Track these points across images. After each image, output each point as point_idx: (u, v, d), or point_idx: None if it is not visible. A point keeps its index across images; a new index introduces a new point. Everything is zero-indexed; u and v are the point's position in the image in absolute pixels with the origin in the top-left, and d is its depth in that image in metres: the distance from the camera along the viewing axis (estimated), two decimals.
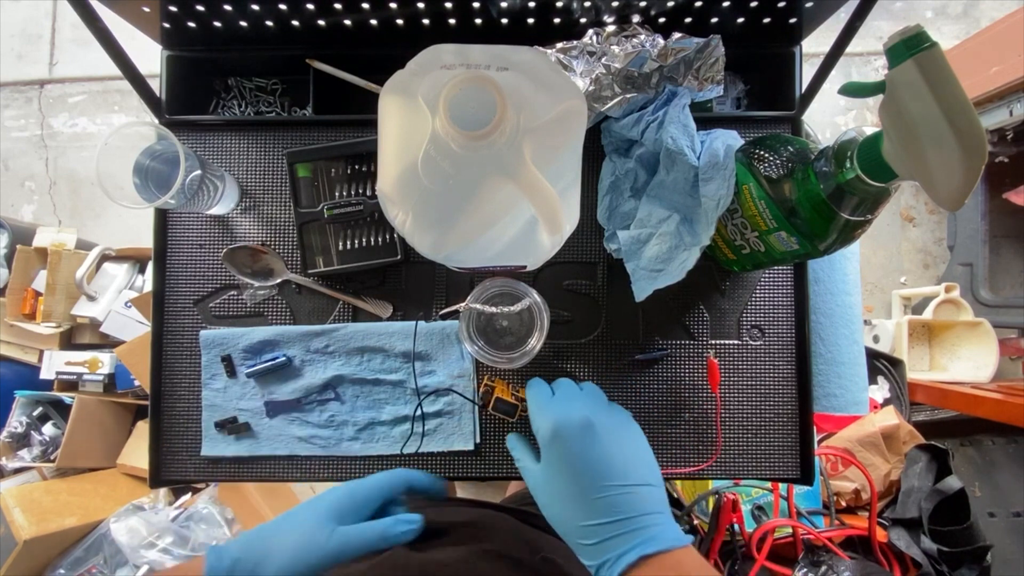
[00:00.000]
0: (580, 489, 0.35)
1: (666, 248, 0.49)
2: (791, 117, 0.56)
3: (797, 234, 0.42)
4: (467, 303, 0.47)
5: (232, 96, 0.63)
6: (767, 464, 0.56)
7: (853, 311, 0.58)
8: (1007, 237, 1.50)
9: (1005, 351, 1.37)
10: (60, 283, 1.33)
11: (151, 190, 0.48)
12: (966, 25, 1.63)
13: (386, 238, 0.55)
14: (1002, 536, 1.14)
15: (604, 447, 0.36)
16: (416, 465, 0.56)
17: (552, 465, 0.37)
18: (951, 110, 0.30)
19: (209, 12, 0.51)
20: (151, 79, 0.53)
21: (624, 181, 0.54)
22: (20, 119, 1.76)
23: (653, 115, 0.50)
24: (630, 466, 0.36)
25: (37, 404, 1.40)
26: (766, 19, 0.52)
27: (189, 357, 0.56)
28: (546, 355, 0.56)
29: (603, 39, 0.51)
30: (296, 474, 0.56)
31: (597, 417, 0.38)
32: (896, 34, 0.31)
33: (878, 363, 1.30)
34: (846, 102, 1.62)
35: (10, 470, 1.36)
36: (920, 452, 1.12)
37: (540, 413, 0.40)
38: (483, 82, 0.32)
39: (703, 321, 0.57)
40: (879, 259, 1.60)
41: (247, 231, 0.57)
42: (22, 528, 1.18)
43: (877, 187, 0.36)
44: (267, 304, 0.56)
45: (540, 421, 0.39)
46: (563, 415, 0.38)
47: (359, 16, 0.52)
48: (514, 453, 0.43)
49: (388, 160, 0.38)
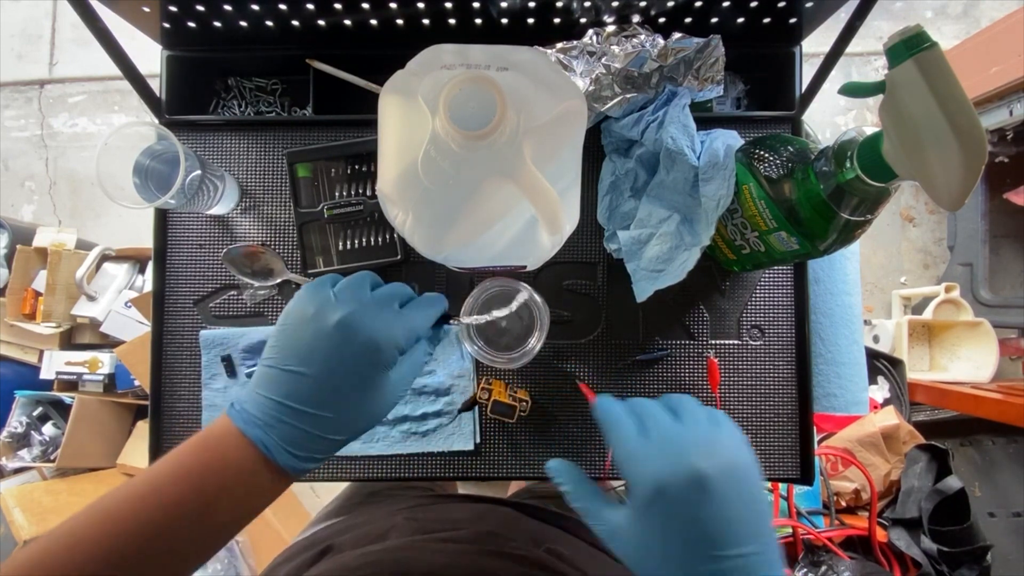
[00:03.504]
0: (686, 556, 0.30)
1: (666, 248, 0.49)
2: (791, 117, 0.56)
3: (797, 234, 0.42)
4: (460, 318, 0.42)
5: (232, 96, 0.63)
6: (767, 464, 0.56)
7: (853, 311, 0.58)
8: (1007, 237, 1.50)
9: (1005, 351, 1.37)
10: (60, 283, 1.33)
11: (151, 190, 0.48)
12: (966, 25, 1.63)
13: (386, 238, 0.55)
14: (1002, 536, 1.14)
15: (718, 509, 0.30)
16: (416, 465, 0.56)
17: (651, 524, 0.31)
18: (951, 110, 0.30)
19: (209, 12, 0.51)
20: (151, 79, 0.53)
21: (624, 181, 0.54)
22: (20, 119, 1.76)
23: (653, 115, 0.50)
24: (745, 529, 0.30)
25: (37, 404, 1.40)
26: (766, 19, 0.52)
27: (189, 357, 0.56)
28: (546, 355, 0.56)
29: (603, 39, 0.51)
30: None
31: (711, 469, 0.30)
32: (896, 34, 0.31)
33: (878, 363, 1.30)
34: (846, 102, 1.62)
35: (10, 470, 1.36)
36: (920, 452, 1.12)
37: (633, 462, 0.32)
38: (483, 82, 0.32)
39: (703, 321, 0.57)
40: (879, 259, 1.60)
41: (247, 231, 0.57)
42: (22, 528, 1.18)
43: (877, 187, 0.36)
44: (267, 304, 0.56)
45: (634, 471, 0.31)
46: (668, 470, 0.30)
47: (359, 16, 0.52)
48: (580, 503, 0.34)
49: (388, 160, 0.38)
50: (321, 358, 0.32)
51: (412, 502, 0.53)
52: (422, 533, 0.42)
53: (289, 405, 0.32)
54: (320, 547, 0.43)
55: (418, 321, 0.36)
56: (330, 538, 0.44)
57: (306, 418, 0.32)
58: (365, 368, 0.33)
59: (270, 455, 0.32)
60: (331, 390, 0.33)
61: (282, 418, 0.32)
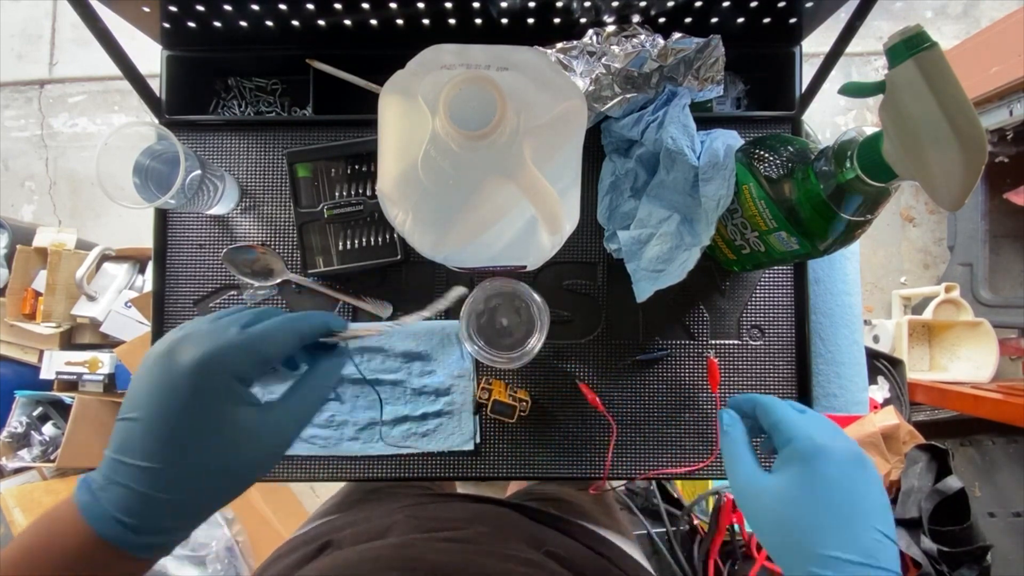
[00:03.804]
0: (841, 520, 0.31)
1: (667, 248, 0.49)
2: (791, 117, 0.56)
3: (797, 234, 0.42)
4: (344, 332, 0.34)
5: (232, 96, 0.63)
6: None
7: (853, 311, 0.58)
8: (1007, 237, 1.50)
9: (1005, 351, 1.37)
10: (60, 283, 1.33)
11: (151, 190, 0.48)
12: (966, 25, 1.63)
13: (386, 238, 0.55)
14: (1002, 536, 1.14)
15: (873, 487, 0.32)
16: (416, 465, 0.56)
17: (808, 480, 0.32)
18: (951, 110, 0.30)
19: (209, 12, 0.51)
20: (151, 79, 0.53)
21: (624, 181, 0.54)
22: (20, 119, 1.76)
23: (653, 115, 0.50)
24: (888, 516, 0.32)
25: (37, 404, 1.40)
26: (766, 19, 0.52)
27: None
28: (546, 355, 0.56)
29: (603, 39, 0.51)
30: (296, 474, 0.56)
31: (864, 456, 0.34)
32: (896, 34, 0.31)
33: (878, 363, 1.30)
34: (846, 102, 1.62)
35: (10, 470, 1.36)
36: (920, 452, 1.12)
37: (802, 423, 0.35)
38: (483, 82, 0.32)
39: (703, 321, 0.57)
40: (879, 259, 1.60)
41: (247, 231, 0.57)
42: (22, 528, 1.18)
43: (877, 187, 0.36)
44: (267, 304, 0.56)
45: (802, 430, 0.34)
46: (831, 436, 0.34)
47: (359, 16, 0.52)
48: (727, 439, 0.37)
49: (388, 160, 0.38)
50: (147, 399, 0.27)
51: (411, 500, 0.53)
52: (422, 531, 0.42)
53: (119, 459, 0.27)
54: (319, 542, 0.43)
55: (262, 340, 0.29)
56: (329, 534, 0.44)
57: (134, 473, 0.26)
58: (194, 403, 0.27)
59: (97, 528, 0.26)
60: (162, 435, 0.27)
61: (113, 477, 0.26)
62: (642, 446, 0.55)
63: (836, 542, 0.30)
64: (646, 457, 0.55)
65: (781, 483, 0.33)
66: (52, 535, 0.26)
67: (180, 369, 0.27)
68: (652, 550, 1.01)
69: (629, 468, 0.55)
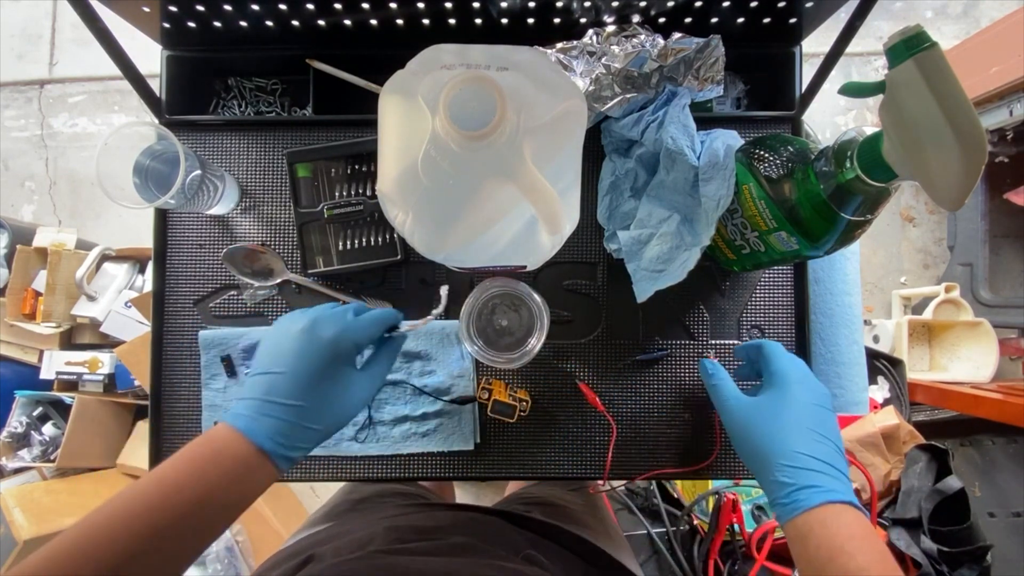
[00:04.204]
0: (810, 425, 0.40)
1: (667, 248, 0.49)
2: (791, 117, 0.56)
3: (797, 234, 0.42)
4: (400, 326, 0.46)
5: (232, 96, 0.63)
6: None
7: (853, 311, 0.58)
8: (1007, 237, 1.50)
9: (1005, 351, 1.37)
10: (60, 283, 1.33)
11: (151, 190, 0.48)
12: (966, 25, 1.63)
13: (386, 238, 0.55)
14: (1002, 536, 1.14)
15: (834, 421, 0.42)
16: (416, 465, 0.56)
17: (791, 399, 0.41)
18: (951, 110, 0.30)
19: (209, 12, 0.51)
20: (151, 79, 0.53)
21: (624, 181, 0.54)
22: (20, 119, 1.76)
23: (653, 115, 0.50)
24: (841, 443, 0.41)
25: (37, 404, 1.40)
26: (766, 19, 0.52)
27: (189, 357, 0.56)
28: (546, 355, 0.56)
29: (603, 39, 0.51)
30: (296, 474, 0.56)
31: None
32: (896, 34, 0.31)
33: (878, 363, 1.30)
34: (846, 102, 1.62)
35: (10, 470, 1.36)
36: (920, 452, 1.12)
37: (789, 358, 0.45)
38: (483, 82, 0.32)
39: (703, 321, 0.57)
40: (879, 259, 1.60)
41: (247, 231, 0.57)
42: (22, 528, 1.18)
43: (877, 187, 0.36)
44: (267, 304, 0.56)
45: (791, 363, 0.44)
46: (810, 375, 0.44)
47: (359, 16, 0.52)
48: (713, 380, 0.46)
49: (388, 160, 0.38)
50: (292, 358, 0.38)
51: (395, 511, 0.53)
52: (400, 542, 0.42)
53: (270, 400, 0.37)
54: (303, 556, 0.43)
55: (368, 324, 0.42)
56: (313, 547, 0.45)
57: (285, 409, 0.37)
58: (329, 363, 0.39)
59: (258, 443, 0.36)
60: (304, 383, 0.38)
61: (266, 412, 0.37)
62: (642, 446, 0.55)
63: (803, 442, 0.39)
64: (646, 457, 0.55)
65: (760, 400, 0.43)
66: (216, 451, 0.35)
67: (323, 340, 0.39)
68: (652, 550, 1.01)
69: (629, 468, 0.55)
